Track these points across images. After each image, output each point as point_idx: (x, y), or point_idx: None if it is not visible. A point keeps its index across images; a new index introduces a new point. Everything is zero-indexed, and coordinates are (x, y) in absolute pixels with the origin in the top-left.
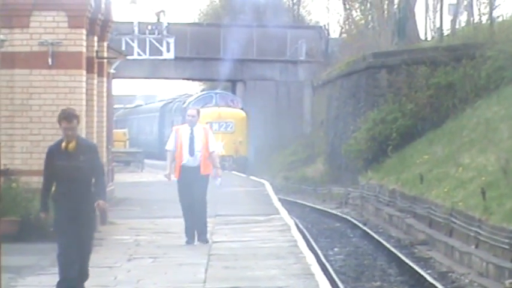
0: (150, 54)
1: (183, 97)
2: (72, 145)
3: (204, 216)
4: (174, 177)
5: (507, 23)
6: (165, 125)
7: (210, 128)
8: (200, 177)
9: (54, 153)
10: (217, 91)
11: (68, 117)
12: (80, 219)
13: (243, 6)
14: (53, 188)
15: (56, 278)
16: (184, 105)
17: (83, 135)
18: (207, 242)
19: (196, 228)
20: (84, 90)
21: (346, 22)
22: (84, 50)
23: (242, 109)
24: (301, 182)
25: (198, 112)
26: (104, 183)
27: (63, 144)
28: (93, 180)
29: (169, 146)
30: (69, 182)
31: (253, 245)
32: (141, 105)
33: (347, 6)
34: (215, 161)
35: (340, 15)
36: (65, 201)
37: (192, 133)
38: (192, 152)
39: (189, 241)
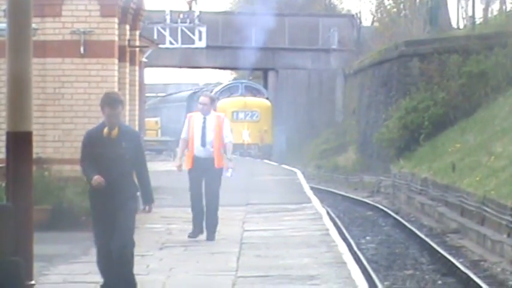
0: (182, 43)
1: (210, 86)
2: (115, 132)
3: (215, 213)
4: (185, 167)
5: None
6: None
7: (236, 117)
8: (214, 170)
9: (93, 139)
10: (243, 81)
11: (112, 103)
12: (120, 217)
13: None
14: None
15: (88, 267)
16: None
17: None
18: (214, 239)
19: (206, 224)
20: (116, 79)
21: (378, 10)
22: (116, 38)
23: (267, 98)
24: (333, 170)
25: (212, 100)
26: (149, 177)
27: (105, 130)
28: (135, 170)
29: (183, 134)
30: (108, 172)
31: (285, 234)
32: (171, 94)
33: None
34: (228, 151)
35: (372, 4)
36: (103, 195)
37: (204, 122)
38: (204, 143)
39: (193, 234)
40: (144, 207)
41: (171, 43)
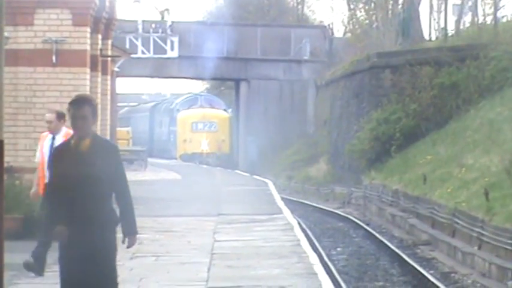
0: (154, 53)
1: (170, 99)
2: (85, 144)
3: None
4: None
5: None
6: (155, 125)
7: (195, 127)
8: None
9: (59, 155)
10: (202, 93)
11: (76, 102)
12: (96, 256)
13: (247, 6)
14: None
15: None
16: (172, 107)
17: None
18: None
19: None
20: (88, 88)
21: (350, 22)
22: (88, 48)
23: (225, 110)
24: (304, 181)
25: (59, 116)
26: (132, 203)
27: (73, 141)
28: (114, 193)
29: (35, 157)
30: (79, 198)
31: (256, 244)
32: (138, 105)
33: (351, 6)
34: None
35: (344, 15)
36: (73, 228)
37: (52, 143)
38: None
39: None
40: (124, 239)
41: (143, 53)
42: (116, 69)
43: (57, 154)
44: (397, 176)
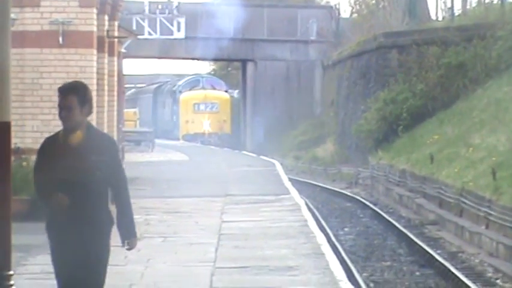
0: (160, 34)
1: (173, 80)
2: (76, 136)
3: None
4: None
5: None
6: (157, 106)
7: (197, 108)
8: None
9: (48, 149)
10: (204, 75)
11: (61, 90)
12: (88, 260)
13: None
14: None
15: None
16: (174, 88)
17: (93, 118)
18: None
19: None
20: (94, 69)
21: (357, 2)
22: (94, 29)
23: (226, 91)
24: (312, 162)
25: None
26: (130, 203)
27: (61, 134)
28: (111, 192)
29: None
30: (71, 197)
31: (264, 225)
32: (143, 86)
33: None
34: None
35: None
36: (65, 228)
37: None
38: None
39: None
40: (124, 243)
41: (149, 34)
42: (122, 50)
43: (44, 148)
44: (404, 156)
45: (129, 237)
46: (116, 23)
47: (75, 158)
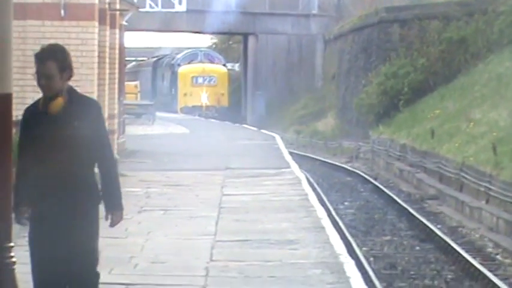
0: (162, 7)
1: (171, 54)
2: (56, 104)
3: None
4: None
5: None
6: (156, 79)
7: (195, 81)
8: None
9: (29, 118)
10: (203, 49)
11: (39, 56)
12: (76, 235)
13: None
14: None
15: None
16: (173, 62)
17: (93, 96)
18: None
19: None
20: (96, 42)
21: None
22: (96, 1)
23: (224, 65)
24: (312, 136)
25: None
26: (117, 171)
27: (41, 102)
28: (97, 162)
29: None
30: (53, 167)
31: (264, 198)
32: (144, 60)
33: None
34: None
35: None
36: (48, 201)
37: None
38: None
39: None
40: (107, 215)
41: (151, 7)
42: (124, 23)
43: (25, 120)
44: (405, 130)
45: (113, 209)
46: None
47: (56, 126)
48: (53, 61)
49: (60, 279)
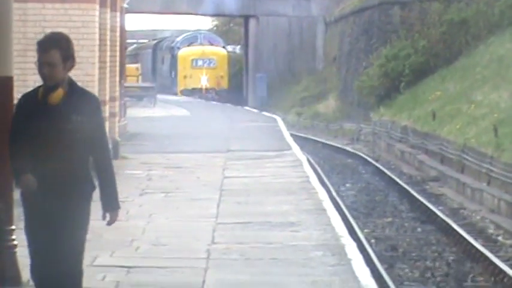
0: None
1: (171, 37)
2: (56, 95)
3: None
4: None
5: None
6: (156, 62)
7: (195, 64)
8: None
9: (26, 107)
10: (202, 31)
11: (42, 44)
12: (65, 231)
13: None
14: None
15: None
16: (173, 44)
17: (94, 78)
18: None
19: None
20: (97, 24)
21: None
22: None
23: (224, 47)
24: (314, 118)
25: None
26: (113, 169)
27: (40, 92)
28: (92, 158)
29: None
30: (48, 160)
31: (265, 181)
32: (145, 42)
33: None
34: None
35: None
36: (41, 195)
37: None
38: None
39: None
40: (104, 215)
41: None
42: (125, 5)
43: (20, 106)
44: (406, 112)
45: (111, 210)
46: None
47: (55, 117)
48: (57, 49)
49: (53, 272)
